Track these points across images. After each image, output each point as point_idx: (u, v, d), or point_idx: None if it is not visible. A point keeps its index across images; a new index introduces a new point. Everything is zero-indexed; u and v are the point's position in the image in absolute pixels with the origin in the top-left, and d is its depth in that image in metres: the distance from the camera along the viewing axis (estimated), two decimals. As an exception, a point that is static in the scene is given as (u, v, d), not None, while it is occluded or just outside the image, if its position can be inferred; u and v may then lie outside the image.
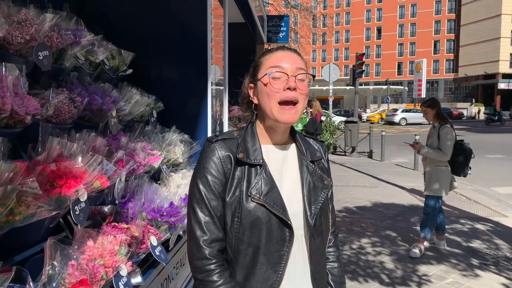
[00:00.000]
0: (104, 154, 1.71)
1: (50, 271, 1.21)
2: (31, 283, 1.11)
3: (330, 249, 1.43)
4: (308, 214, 1.27)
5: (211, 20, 2.95)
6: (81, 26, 2.10)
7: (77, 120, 1.82)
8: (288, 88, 1.22)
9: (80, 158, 1.49)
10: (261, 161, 1.26)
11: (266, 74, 1.25)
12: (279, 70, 1.24)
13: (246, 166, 1.26)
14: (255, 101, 1.32)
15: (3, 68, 1.39)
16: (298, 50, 1.39)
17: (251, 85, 1.34)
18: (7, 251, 1.31)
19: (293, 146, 1.38)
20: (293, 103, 1.24)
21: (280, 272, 1.23)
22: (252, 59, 1.37)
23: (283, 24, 9.82)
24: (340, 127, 19.82)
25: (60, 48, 1.80)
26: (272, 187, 1.24)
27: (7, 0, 1.60)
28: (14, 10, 1.59)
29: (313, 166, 1.34)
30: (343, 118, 21.80)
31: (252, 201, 1.21)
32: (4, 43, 1.54)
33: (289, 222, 1.22)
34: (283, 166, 1.33)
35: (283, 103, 1.24)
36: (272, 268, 1.22)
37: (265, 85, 1.25)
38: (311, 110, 10.70)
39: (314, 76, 1.30)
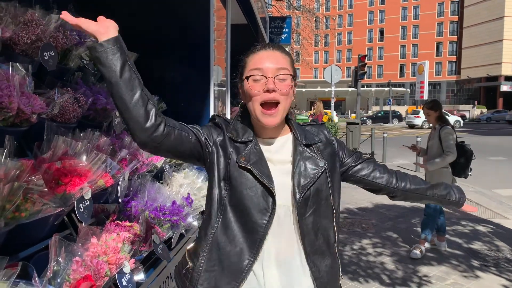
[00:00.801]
0: (108, 153, 1.73)
1: (55, 267, 1.23)
2: (36, 279, 1.14)
3: (394, 180, 1.49)
4: (297, 191, 1.28)
5: (213, 21, 2.97)
6: (85, 27, 2.12)
7: (82, 119, 1.85)
8: (267, 91, 1.26)
9: (84, 157, 1.51)
10: (251, 138, 1.31)
11: (247, 77, 1.29)
12: (259, 72, 1.27)
13: (237, 143, 1.31)
14: (244, 100, 1.37)
15: (10, 68, 1.42)
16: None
17: (240, 84, 1.38)
18: (12, 248, 1.33)
19: (289, 136, 1.40)
20: (275, 104, 1.27)
21: (259, 240, 1.25)
22: (239, 58, 1.40)
23: (285, 25, 9.87)
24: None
25: (65, 49, 1.83)
26: (261, 159, 1.28)
27: (14, 1, 1.62)
28: (20, 10, 1.62)
29: (308, 150, 1.35)
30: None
31: (240, 167, 1.26)
32: (11, 43, 1.56)
33: (273, 191, 1.24)
34: (278, 156, 1.35)
35: (264, 104, 1.27)
36: (250, 235, 1.25)
37: (247, 87, 1.29)
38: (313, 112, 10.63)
39: (293, 76, 1.33)
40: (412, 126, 31.07)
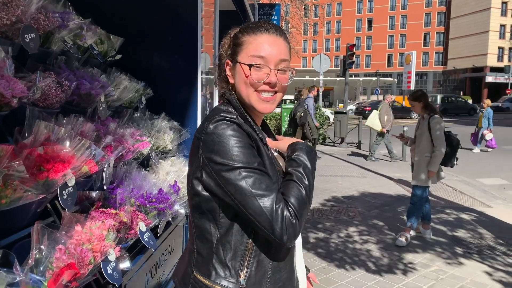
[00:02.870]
0: (92, 139, 1.69)
1: (37, 255, 1.20)
2: (18, 267, 1.11)
3: None
4: None
5: (202, 7, 2.91)
6: (69, 9, 2.06)
7: (65, 104, 1.80)
8: (269, 83, 1.18)
9: (68, 143, 1.47)
10: (265, 139, 1.24)
11: (246, 63, 1.18)
12: (261, 61, 1.17)
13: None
14: (231, 80, 1.25)
15: (-11, 50, 1.36)
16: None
17: (228, 61, 1.25)
18: (-7, 235, 1.30)
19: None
20: (273, 91, 1.22)
21: None
22: (235, 35, 1.26)
23: (274, 12, 9.78)
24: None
25: (47, 31, 1.76)
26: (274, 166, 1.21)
27: (-8, -20, 1.56)
28: (-1, -10, 1.56)
29: None
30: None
31: None
32: (-11, 24, 1.50)
33: None
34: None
35: (261, 91, 1.20)
36: None
37: (245, 73, 1.19)
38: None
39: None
40: None
